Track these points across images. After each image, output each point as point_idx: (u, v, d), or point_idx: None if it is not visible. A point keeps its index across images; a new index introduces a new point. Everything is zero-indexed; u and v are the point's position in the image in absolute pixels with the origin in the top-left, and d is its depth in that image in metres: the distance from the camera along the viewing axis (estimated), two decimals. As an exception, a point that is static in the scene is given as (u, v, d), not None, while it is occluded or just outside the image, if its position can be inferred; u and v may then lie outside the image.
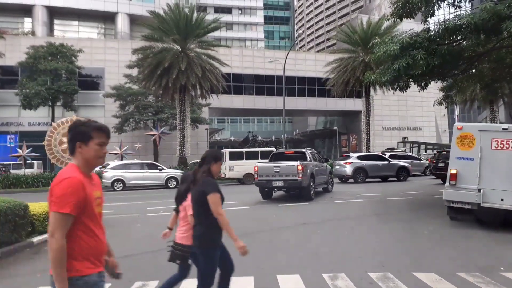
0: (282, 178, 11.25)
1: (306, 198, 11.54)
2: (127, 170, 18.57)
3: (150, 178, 18.89)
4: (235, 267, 3.31)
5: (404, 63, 8.35)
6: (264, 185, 11.73)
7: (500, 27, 7.27)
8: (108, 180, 18.14)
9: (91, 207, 1.90)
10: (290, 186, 11.38)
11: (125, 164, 19.52)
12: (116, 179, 18.22)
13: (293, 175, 11.08)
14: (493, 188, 6.97)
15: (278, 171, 11.34)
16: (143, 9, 36.20)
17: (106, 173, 18.29)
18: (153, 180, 18.92)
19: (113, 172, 18.35)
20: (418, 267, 4.79)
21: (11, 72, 29.97)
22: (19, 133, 30.18)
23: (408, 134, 40.89)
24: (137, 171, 18.73)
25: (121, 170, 18.46)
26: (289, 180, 11.16)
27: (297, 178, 11.06)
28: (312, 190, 11.87)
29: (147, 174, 18.92)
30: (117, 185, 18.23)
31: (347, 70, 26.52)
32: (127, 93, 28.50)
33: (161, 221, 8.86)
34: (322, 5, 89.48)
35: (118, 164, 19.35)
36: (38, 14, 37.75)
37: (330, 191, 14.17)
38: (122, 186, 18.30)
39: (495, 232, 6.89)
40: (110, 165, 18.86)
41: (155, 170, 19.16)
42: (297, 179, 11.04)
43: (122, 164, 19.32)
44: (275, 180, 11.36)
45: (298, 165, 11.13)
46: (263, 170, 11.66)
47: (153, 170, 19.13)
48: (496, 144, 7.08)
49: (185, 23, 22.49)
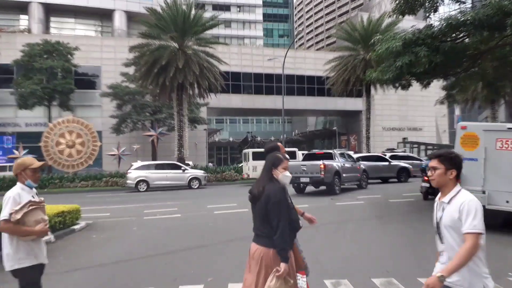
0: (307, 175, 13.10)
1: (331, 193, 13.25)
2: (150, 171, 18.49)
3: (173, 178, 18.84)
4: (234, 274, 3.10)
5: (407, 60, 8.16)
6: (294, 181, 13.37)
7: (505, 23, 7.08)
8: (132, 181, 18.15)
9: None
10: (314, 181, 13.33)
11: (148, 164, 19.44)
12: (140, 179, 18.13)
13: (317, 173, 12.87)
14: (498, 190, 6.78)
15: (304, 169, 13.16)
16: (141, 6, 35.86)
17: (130, 174, 18.30)
18: (176, 180, 18.89)
19: (137, 173, 18.30)
20: (423, 273, 4.58)
21: (7, 70, 29.61)
22: (16, 134, 29.90)
23: (408, 134, 40.71)
24: (160, 171, 18.66)
25: (145, 171, 18.36)
26: (314, 176, 13.00)
27: (319, 175, 12.83)
28: (337, 186, 13.42)
29: (171, 174, 18.86)
30: (141, 186, 18.15)
31: (347, 69, 26.29)
32: (124, 92, 28.20)
33: (159, 224, 8.74)
34: (322, 3, 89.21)
35: (141, 164, 19.22)
36: (34, 11, 37.43)
37: (365, 187, 15.40)
38: (146, 187, 18.19)
39: (498, 234, 6.70)
40: (134, 166, 18.82)
41: (178, 171, 19.08)
42: (320, 176, 12.80)
43: (145, 165, 19.23)
44: (302, 176, 13.19)
45: (321, 164, 12.86)
46: (292, 168, 13.39)
47: (176, 171, 19.06)
48: (501, 144, 6.89)
49: (183, 20, 22.22)
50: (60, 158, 21.05)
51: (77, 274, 5.17)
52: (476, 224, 1.98)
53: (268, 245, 2.55)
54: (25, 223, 2.68)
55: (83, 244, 7.02)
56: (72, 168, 21.31)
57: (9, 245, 2.70)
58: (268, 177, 2.67)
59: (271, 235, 2.53)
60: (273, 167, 2.69)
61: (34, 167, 2.85)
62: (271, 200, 2.53)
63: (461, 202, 2.04)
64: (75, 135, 21.12)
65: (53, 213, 7.51)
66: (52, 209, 7.72)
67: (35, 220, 2.72)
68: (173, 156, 24.23)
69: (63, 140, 20.88)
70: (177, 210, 10.71)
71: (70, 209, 8.24)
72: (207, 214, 9.93)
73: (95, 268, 5.38)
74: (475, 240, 1.96)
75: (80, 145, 21.17)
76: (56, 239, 7.26)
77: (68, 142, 20.91)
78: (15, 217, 2.63)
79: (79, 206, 8.86)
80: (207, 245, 6.57)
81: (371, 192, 13.78)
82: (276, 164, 2.70)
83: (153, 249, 6.32)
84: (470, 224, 1.98)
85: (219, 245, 6.51)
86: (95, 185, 21.00)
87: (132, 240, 7.33)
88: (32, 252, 2.76)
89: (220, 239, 6.95)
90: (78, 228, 8.25)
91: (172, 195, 16.03)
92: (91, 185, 21.00)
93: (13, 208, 2.67)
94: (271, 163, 2.72)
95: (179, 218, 9.51)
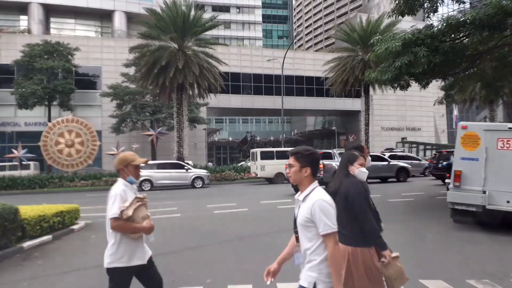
0: None
1: None
2: (154, 170, 18.47)
3: (177, 178, 18.88)
4: (234, 275, 3.08)
5: (406, 60, 8.14)
6: None
7: (506, 23, 7.07)
8: None
9: None
10: None
11: (152, 164, 19.43)
12: (145, 179, 18.08)
13: None
14: (499, 190, 6.76)
15: None
16: (140, 7, 35.82)
17: None
18: (179, 180, 18.93)
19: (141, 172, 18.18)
20: (425, 274, 4.57)
21: (7, 70, 29.55)
22: (15, 133, 29.85)
23: (406, 134, 40.75)
24: (164, 171, 18.68)
25: (149, 170, 18.27)
26: None
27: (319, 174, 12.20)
28: None
29: (174, 174, 18.88)
30: (145, 185, 18.14)
31: (346, 69, 26.28)
32: (124, 93, 28.18)
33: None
34: (321, 4, 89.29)
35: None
36: (34, 11, 37.34)
37: None
38: (150, 186, 18.19)
39: (500, 235, 6.69)
40: None
41: (181, 170, 19.12)
42: (319, 175, 12.59)
43: (149, 164, 19.16)
44: None
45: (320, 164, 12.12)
46: None
47: (179, 170, 19.10)
48: (502, 144, 6.87)
49: (183, 20, 22.19)
50: (59, 158, 21.00)
51: (74, 275, 5.13)
52: (330, 224, 1.97)
53: (350, 244, 2.53)
54: (134, 220, 2.65)
55: (82, 245, 6.99)
56: (71, 167, 21.26)
57: (112, 243, 2.67)
58: (344, 173, 2.72)
59: (354, 233, 2.52)
60: (349, 164, 2.72)
61: (136, 163, 2.82)
62: (350, 193, 2.55)
63: (312, 202, 2.02)
64: (74, 134, 21.08)
65: (52, 213, 7.48)
66: (51, 208, 7.69)
67: (142, 217, 2.70)
68: (172, 156, 24.20)
69: (62, 139, 20.83)
70: (177, 210, 10.69)
71: (69, 209, 8.21)
72: (207, 214, 9.91)
73: (93, 269, 5.32)
74: (333, 239, 1.97)
75: (80, 144, 21.13)
76: (55, 239, 7.23)
77: (67, 141, 20.86)
78: (127, 214, 2.60)
79: (78, 206, 8.82)
80: (206, 245, 6.54)
81: (370, 192, 13.74)
82: (351, 160, 2.73)
83: (151, 250, 6.28)
84: (325, 225, 1.97)
85: (218, 245, 6.48)
86: (94, 185, 20.97)
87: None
88: (131, 252, 2.71)
89: (219, 239, 6.92)
90: (77, 228, 8.22)
91: (174, 194, 16.01)
92: (90, 184, 20.97)
93: (121, 205, 2.63)
94: (346, 160, 2.77)
95: (179, 218, 9.48)
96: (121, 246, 2.66)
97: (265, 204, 11.37)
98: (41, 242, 6.80)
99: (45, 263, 5.63)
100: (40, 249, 6.52)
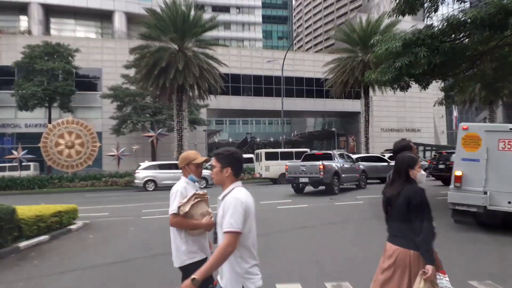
0: (307, 175, 13.24)
1: (330, 193, 13.29)
2: (158, 171, 18.68)
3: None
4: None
5: (407, 60, 8.10)
6: (293, 181, 13.91)
7: (507, 22, 7.03)
8: (140, 180, 18.36)
9: None
10: (313, 182, 13.41)
11: (155, 164, 19.64)
12: (148, 179, 18.32)
13: (316, 173, 12.97)
14: (500, 191, 6.72)
15: (304, 169, 13.33)
16: (140, 7, 35.81)
17: (138, 173, 18.47)
18: None
19: (145, 173, 18.51)
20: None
21: (7, 72, 29.50)
22: (15, 134, 29.81)
23: (406, 136, 40.66)
24: (168, 171, 18.77)
25: (153, 171, 18.57)
26: (313, 177, 13.12)
27: (319, 175, 12.89)
28: (336, 186, 13.51)
29: (178, 174, 18.72)
30: (149, 185, 18.31)
31: (345, 70, 26.25)
32: (125, 94, 28.17)
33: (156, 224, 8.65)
34: (321, 4, 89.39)
35: (149, 164, 19.53)
36: (34, 12, 37.37)
37: (363, 188, 15.55)
38: (154, 186, 18.35)
39: (501, 236, 6.64)
40: (142, 166, 19.02)
41: None
42: (319, 176, 12.91)
43: (153, 165, 19.52)
44: (301, 177, 13.41)
45: (320, 164, 12.94)
46: (292, 169, 13.78)
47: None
48: (503, 144, 6.83)
49: (182, 21, 22.17)
50: (59, 159, 20.98)
51: (71, 275, 5.07)
52: (232, 222, 1.93)
53: (404, 245, 2.53)
54: (192, 216, 2.66)
55: (79, 245, 6.94)
56: (71, 168, 21.24)
57: (179, 240, 2.69)
58: (403, 178, 2.64)
59: (409, 235, 2.51)
60: (409, 168, 2.65)
61: (197, 162, 2.87)
62: (412, 202, 2.50)
63: (226, 199, 2.03)
64: (74, 135, 21.06)
65: (50, 213, 7.44)
66: (49, 208, 7.65)
67: (201, 213, 2.70)
68: (172, 157, 24.14)
69: (62, 140, 20.82)
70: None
71: (67, 208, 8.16)
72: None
73: (90, 269, 5.28)
74: (230, 238, 1.92)
75: (80, 145, 21.11)
76: (52, 239, 7.18)
77: (67, 142, 20.85)
78: (183, 210, 2.62)
79: (77, 205, 8.78)
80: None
81: (370, 192, 13.71)
82: (412, 164, 2.66)
83: (150, 250, 6.24)
84: (227, 223, 1.94)
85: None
86: (94, 185, 20.94)
87: (129, 240, 7.25)
88: (201, 246, 2.73)
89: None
90: (75, 228, 8.17)
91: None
92: (90, 185, 20.95)
93: (180, 201, 2.66)
94: (406, 164, 2.67)
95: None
96: (189, 241, 2.69)
97: (264, 204, 11.32)
98: (38, 242, 6.75)
99: (41, 263, 5.58)
100: (37, 249, 6.47)
